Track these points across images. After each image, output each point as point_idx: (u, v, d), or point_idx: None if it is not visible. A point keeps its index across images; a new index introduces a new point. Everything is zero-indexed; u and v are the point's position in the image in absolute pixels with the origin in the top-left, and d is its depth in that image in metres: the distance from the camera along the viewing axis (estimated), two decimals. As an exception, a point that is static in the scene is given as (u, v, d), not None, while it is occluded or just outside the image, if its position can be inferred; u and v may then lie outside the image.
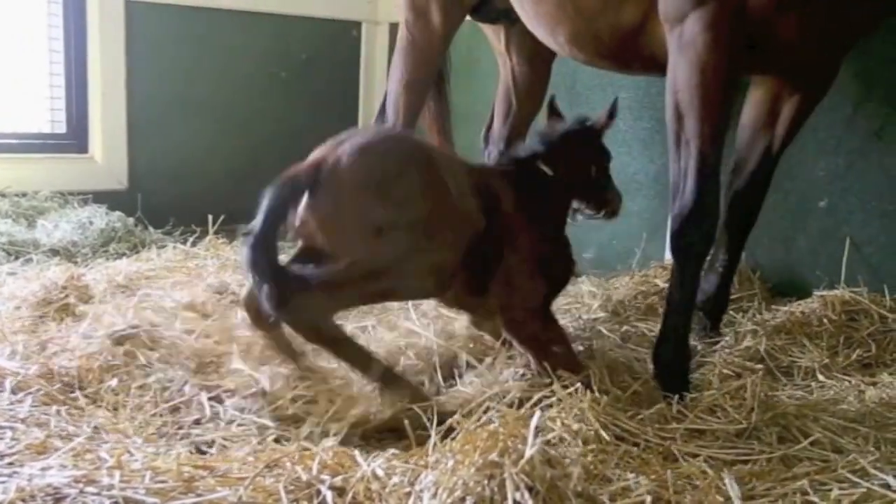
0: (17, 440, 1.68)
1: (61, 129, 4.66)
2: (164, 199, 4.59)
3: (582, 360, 2.20)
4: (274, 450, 1.69)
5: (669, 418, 1.97)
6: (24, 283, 3.00)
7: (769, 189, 2.66)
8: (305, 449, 1.65)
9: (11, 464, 1.57)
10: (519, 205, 2.20)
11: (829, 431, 1.95)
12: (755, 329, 2.77)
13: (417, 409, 1.89)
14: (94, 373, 2.13)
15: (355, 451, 1.64)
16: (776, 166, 2.63)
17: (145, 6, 4.60)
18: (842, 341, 2.64)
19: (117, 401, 2.02)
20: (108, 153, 4.63)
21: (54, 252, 3.66)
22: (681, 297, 2.23)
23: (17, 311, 2.69)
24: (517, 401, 1.97)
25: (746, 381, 2.12)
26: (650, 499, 1.49)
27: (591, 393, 1.94)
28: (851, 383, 2.39)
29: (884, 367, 2.52)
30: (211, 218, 3.77)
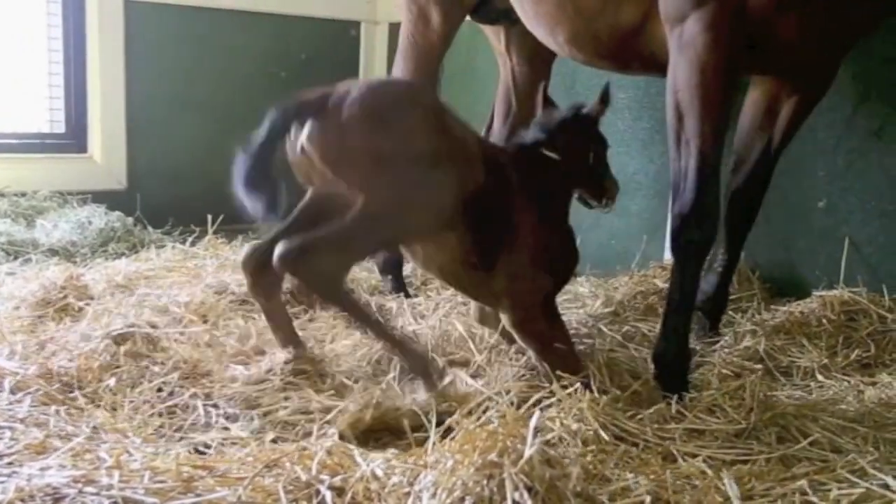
0: (16, 440, 1.68)
1: (60, 128, 4.66)
2: (164, 199, 4.58)
3: (582, 360, 2.20)
4: (273, 450, 1.69)
5: (668, 418, 1.97)
6: (23, 283, 3.00)
7: (768, 189, 2.66)
8: (304, 449, 1.65)
9: (10, 464, 1.57)
10: (524, 185, 2.20)
11: (828, 431, 1.95)
12: (754, 329, 2.77)
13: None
14: (94, 373, 2.13)
15: (354, 451, 1.63)
16: (775, 166, 2.63)
17: (145, 6, 4.60)
18: (841, 341, 2.64)
19: (116, 401, 2.02)
20: (107, 153, 4.63)
21: (53, 252, 3.66)
22: (681, 296, 2.23)
23: (16, 310, 2.69)
24: (516, 401, 1.98)
25: (745, 381, 2.13)
26: (649, 499, 1.49)
27: (590, 393, 1.94)
28: (850, 383, 2.39)
29: (883, 367, 2.52)
30: (210, 218, 3.77)
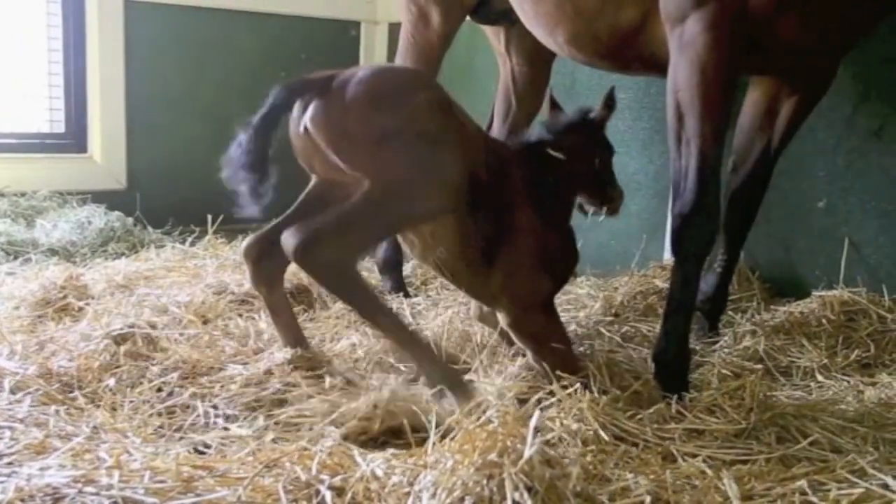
0: (15, 440, 1.68)
1: (60, 128, 4.66)
2: (163, 199, 4.58)
3: (581, 360, 2.20)
4: (273, 450, 1.69)
5: (668, 418, 1.97)
6: (22, 283, 3.01)
7: (768, 189, 2.66)
8: (304, 449, 1.65)
9: (10, 464, 1.57)
10: (526, 184, 2.20)
11: (827, 431, 1.95)
12: (754, 329, 2.77)
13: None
14: (93, 372, 2.13)
15: (354, 451, 1.64)
16: (774, 166, 2.63)
17: (144, 6, 4.60)
18: (840, 341, 2.64)
19: (116, 401, 2.02)
20: (106, 153, 4.63)
21: (53, 252, 3.66)
22: (681, 296, 2.23)
23: (16, 310, 2.69)
24: (516, 401, 1.97)
25: (745, 381, 2.12)
26: (649, 499, 1.49)
27: (590, 393, 1.94)
28: (850, 383, 2.39)
29: (882, 367, 2.52)
30: (210, 218, 3.76)
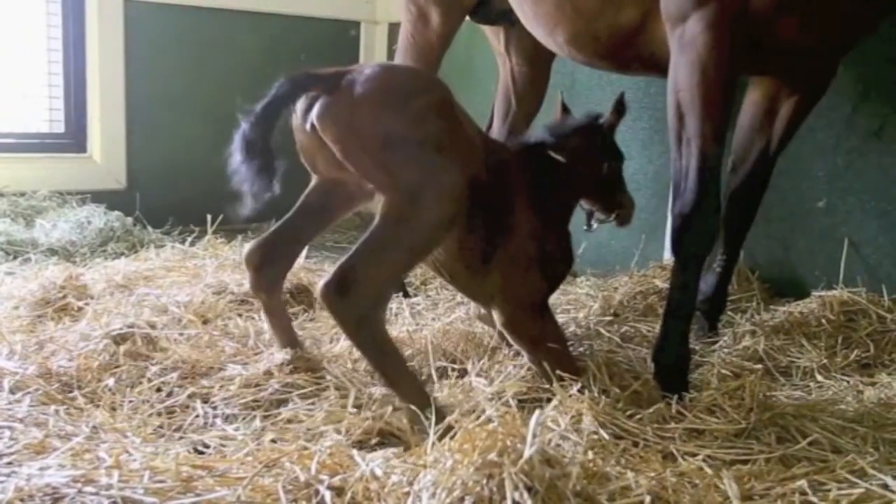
0: (15, 440, 1.68)
1: (60, 128, 4.66)
2: (163, 199, 4.59)
3: (581, 360, 2.20)
4: (272, 450, 1.69)
5: (668, 418, 1.97)
6: (22, 283, 3.00)
7: (767, 189, 2.66)
8: (304, 449, 1.65)
9: (10, 463, 1.57)
10: (524, 185, 2.19)
11: (827, 432, 1.95)
12: (754, 329, 2.77)
13: (416, 409, 1.89)
14: (93, 372, 2.13)
15: (354, 451, 1.63)
16: (774, 166, 2.63)
17: (144, 5, 4.60)
18: (840, 341, 2.64)
19: (115, 400, 2.02)
20: (106, 153, 4.63)
21: (52, 252, 3.66)
22: (681, 296, 2.22)
23: (16, 310, 2.69)
24: (516, 400, 1.97)
25: (745, 381, 2.12)
26: (649, 498, 1.49)
27: (590, 393, 1.94)
28: (850, 383, 2.39)
29: (882, 367, 2.52)
30: (210, 218, 3.76)
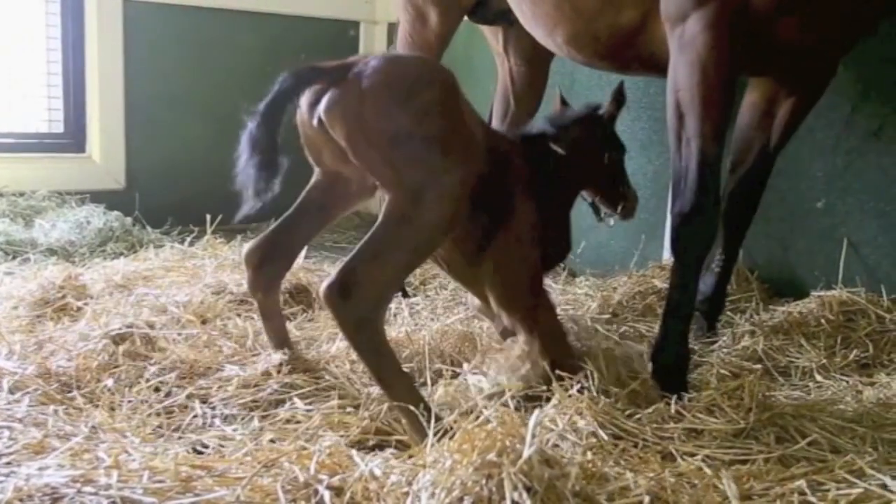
0: (14, 440, 1.68)
1: (59, 128, 4.66)
2: (162, 199, 4.59)
3: (580, 357, 2.19)
4: (272, 450, 1.69)
5: (667, 418, 1.97)
6: (21, 283, 3.00)
7: (767, 189, 2.66)
8: (303, 449, 1.65)
9: (9, 463, 1.57)
10: (524, 176, 2.19)
11: (826, 432, 1.95)
12: (753, 329, 2.77)
13: (415, 409, 1.88)
14: (92, 372, 2.13)
15: (353, 451, 1.63)
16: (773, 166, 2.63)
17: (144, 5, 4.60)
18: (839, 341, 2.64)
19: (114, 400, 2.02)
20: (105, 153, 4.63)
21: (52, 252, 3.66)
22: (680, 296, 2.23)
23: (15, 310, 2.69)
24: (515, 400, 1.97)
25: (744, 381, 2.13)
26: (648, 498, 1.49)
27: (588, 392, 1.94)
28: (849, 383, 2.39)
29: (881, 367, 2.52)
30: (209, 218, 3.76)
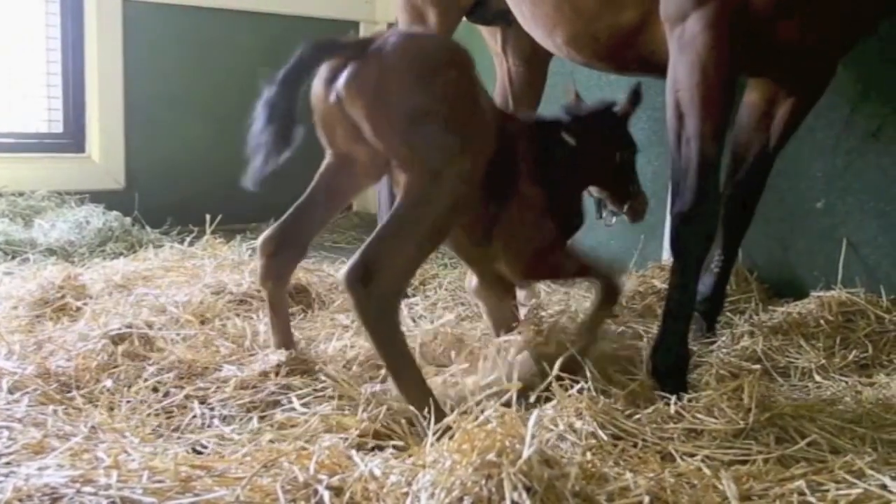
0: (13, 440, 1.67)
1: (58, 128, 4.66)
2: (162, 199, 4.58)
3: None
4: (271, 450, 1.69)
5: (667, 418, 1.97)
6: (20, 283, 3.00)
7: (766, 189, 2.66)
8: (302, 449, 1.65)
9: (8, 464, 1.56)
10: (530, 160, 2.19)
11: (826, 432, 1.95)
12: (752, 330, 2.77)
13: (414, 409, 1.88)
14: (91, 372, 2.13)
15: (352, 451, 1.63)
16: (772, 167, 2.63)
17: (143, 5, 4.60)
18: (839, 342, 2.64)
19: (113, 401, 2.02)
20: (105, 153, 4.63)
21: (51, 252, 3.66)
22: (680, 297, 2.23)
23: (14, 310, 2.69)
24: (515, 400, 1.97)
25: (744, 381, 2.12)
26: (648, 499, 1.49)
27: (588, 393, 1.94)
28: (848, 384, 2.39)
29: (880, 367, 2.52)
30: (208, 218, 3.76)
